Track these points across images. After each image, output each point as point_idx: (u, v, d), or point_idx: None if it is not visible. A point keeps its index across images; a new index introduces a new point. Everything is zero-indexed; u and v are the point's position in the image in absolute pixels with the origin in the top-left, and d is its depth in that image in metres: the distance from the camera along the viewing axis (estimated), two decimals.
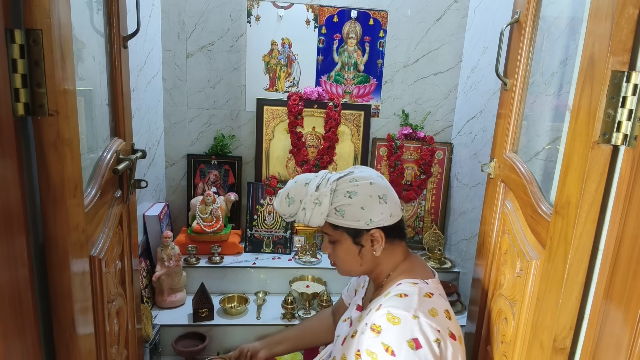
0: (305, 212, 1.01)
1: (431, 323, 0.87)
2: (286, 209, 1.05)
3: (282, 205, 1.06)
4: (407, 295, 0.93)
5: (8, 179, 0.60)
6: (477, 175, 2.10)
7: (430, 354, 0.85)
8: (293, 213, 1.04)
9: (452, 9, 2.31)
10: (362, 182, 1.00)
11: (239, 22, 2.25)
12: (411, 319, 0.87)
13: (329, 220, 1.01)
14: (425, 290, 0.95)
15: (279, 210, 1.08)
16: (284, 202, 1.05)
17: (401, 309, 0.89)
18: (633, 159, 0.64)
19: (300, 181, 1.05)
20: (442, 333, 0.88)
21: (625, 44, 0.66)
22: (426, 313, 0.89)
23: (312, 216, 1.00)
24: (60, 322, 0.74)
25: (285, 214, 1.07)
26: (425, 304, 0.91)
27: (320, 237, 2.40)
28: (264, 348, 1.24)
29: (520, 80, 1.12)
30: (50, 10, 0.65)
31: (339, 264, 1.08)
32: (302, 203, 1.02)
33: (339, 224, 1.01)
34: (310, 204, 1.00)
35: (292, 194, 1.04)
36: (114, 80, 1.13)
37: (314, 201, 1.00)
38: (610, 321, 0.67)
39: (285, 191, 1.06)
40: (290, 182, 1.07)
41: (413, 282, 0.97)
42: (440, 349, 0.87)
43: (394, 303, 0.91)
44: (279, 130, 2.35)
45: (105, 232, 0.98)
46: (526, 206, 1.00)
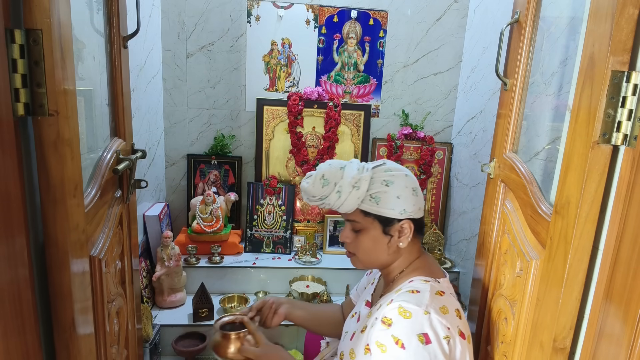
0: (340, 195, 0.99)
1: (442, 320, 0.88)
2: (319, 191, 1.01)
3: (315, 186, 1.01)
4: (419, 291, 0.94)
5: (8, 179, 0.60)
6: (477, 175, 2.10)
7: (439, 350, 0.86)
8: (325, 195, 1.01)
9: (452, 9, 2.31)
10: (397, 173, 1.01)
11: (239, 22, 2.25)
12: (422, 314, 0.87)
13: (362, 206, 0.99)
14: (436, 288, 0.96)
15: (309, 192, 1.03)
16: (317, 182, 1.01)
17: (413, 303, 0.89)
18: (633, 159, 0.64)
19: (335, 165, 1.03)
20: (451, 331, 0.89)
21: (625, 44, 0.66)
22: (437, 310, 0.89)
23: (347, 200, 0.98)
24: (60, 322, 0.74)
25: (315, 196, 1.02)
26: (437, 301, 0.92)
27: (320, 237, 2.40)
28: (287, 304, 1.23)
29: (520, 80, 1.12)
30: (50, 10, 0.65)
31: (361, 253, 1.05)
32: (337, 186, 0.99)
33: (372, 211, 0.99)
34: (347, 187, 0.98)
35: (327, 176, 1.01)
36: (114, 80, 1.13)
37: (353, 184, 0.98)
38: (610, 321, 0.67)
39: (320, 172, 1.02)
40: (323, 165, 1.04)
41: (425, 280, 0.98)
42: (450, 347, 0.87)
43: (406, 298, 0.92)
44: (279, 130, 2.35)
45: (105, 232, 0.98)
46: (526, 206, 1.00)
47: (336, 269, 2.18)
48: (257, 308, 1.20)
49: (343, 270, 2.18)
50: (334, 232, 2.38)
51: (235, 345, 1.05)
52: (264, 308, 1.20)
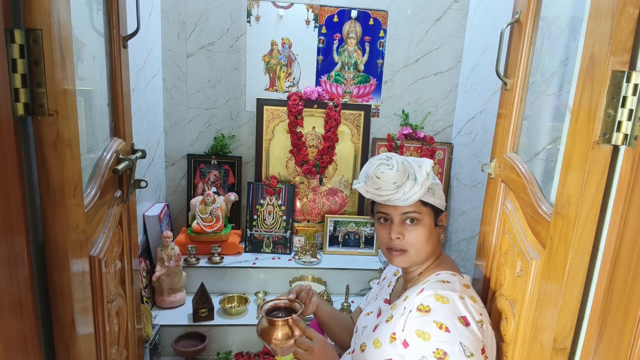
0: (416, 182, 0.99)
1: (475, 306, 0.94)
2: (401, 176, 0.98)
3: (399, 171, 0.99)
4: (449, 282, 0.98)
5: (8, 179, 0.60)
6: (477, 175, 2.10)
7: (478, 332, 0.90)
8: (403, 182, 0.99)
9: (452, 9, 2.31)
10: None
11: (239, 22, 2.25)
12: (458, 299, 0.92)
13: (423, 197, 1.02)
14: (463, 281, 1.01)
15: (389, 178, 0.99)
16: (400, 168, 0.99)
17: (447, 290, 0.94)
18: (633, 159, 0.64)
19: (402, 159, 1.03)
20: (484, 317, 0.94)
21: (625, 44, 0.66)
22: (468, 298, 0.95)
23: (421, 187, 0.99)
24: (60, 322, 0.74)
25: (396, 182, 0.98)
26: (466, 291, 0.97)
27: (320, 237, 2.40)
28: (317, 295, 1.23)
29: (520, 80, 1.12)
30: (50, 10, 0.65)
31: (416, 246, 1.04)
32: (413, 174, 1.00)
33: (430, 201, 1.03)
34: (423, 174, 0.99)
35: (404, 163, 1.01)
36: (114, 80, 1.13)
37: (427, 171, 1.01)
38: (610, 321, 0.66)
39: (398, 159, 1.01)
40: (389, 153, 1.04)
41: (452, 274, 1.03)
42: (482, 331, 0.92)
43: (439, 286, 0.96)
44: (279, 130, 2.35)
45: (105, 232, 0.98)
46: (526, 206, 1.00)
47: (336, 269, 2.18)
48: (297, 292, 1.16)
49: (343, 270, 2.18)
50: (334, 232, 2.38)
51: (282, 331, 1.01)
52: (302, 294, 1.17)
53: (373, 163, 1.03)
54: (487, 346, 0.92)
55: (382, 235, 1.07)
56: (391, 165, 1.01)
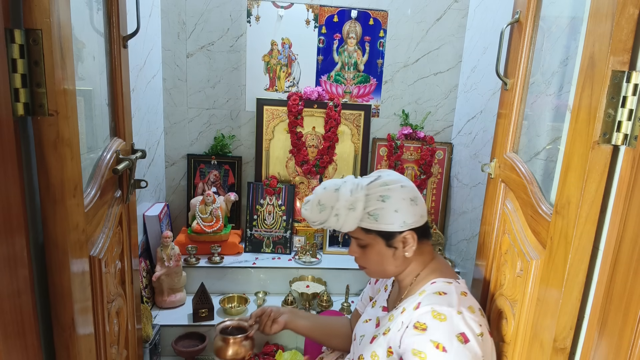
0: (338, 218, 1.00)
1: (474, 317, 0.90)
2: (317, 216, 1.03)
3: (313, 213, 1.03)
4: (445, 293, 0.95)
5: (8, 179, 0.60)
6: (477, 175, 2.10)
7: (478, 348, 0.87)
8: (324, 220, 1.02)
9: (452, 9, 2.31)
10: (393, 186, 1.00)
11: (239, 22, 2.25)
12: (456, 314, 0.89)
13: (362, 225, 1.00)
14: (460, 289, 0.98)
15: (309, 218, 1.05)
16: (315, 209, 1.02)
17: (445, 305, 0.91)
18: (633, 159, 0.64)
19: (330, 187, 1.03)
20: (483, 328, 0.91)
21: (625, 44, 0.66)
22: (466, 309, 0.92)
23: (346, 222, 0.99)
24: (60, 322, 0.74)
25: (316, 221, 1.04)
26: (464, 301, 0.94)
27: (320, 237, 2.40)
28: (288, 314, 1.23)
29: (520, 80, 1.12)
30: (50, 10, 0.65)
31: (371, 267, 1.07)
32: (334, 209, 1.00)
33: (372, 227, 0.99)
34: (344, 210, 0.99)
35: (323, 201, 1.02)
36: (113, 80, 1.13)
37: (349, 207, 0.98)
38: (610, 321, 0.66)
39: (316, 198, 1.03)
40: (319, 189, 1.05)
41: (448, 282, 0.99)
42: (482, 343, 0.89)
43: (435, 300, 0.93)
44: (279, 130, 2.35)
45: (105, 232, 0.98)
46: (526, 206, 1.00)
47: (336, 269, 2.18)
48: (256, 315, 1.23)
49: (343, 270, 2.18)
50: (333, 233, 2.38)
51: (233, 349, 1.13)
52: (263, 316, 1.22)
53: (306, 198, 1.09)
54: (487, 356, 0.90)
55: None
56: (307, 207, 1.05)
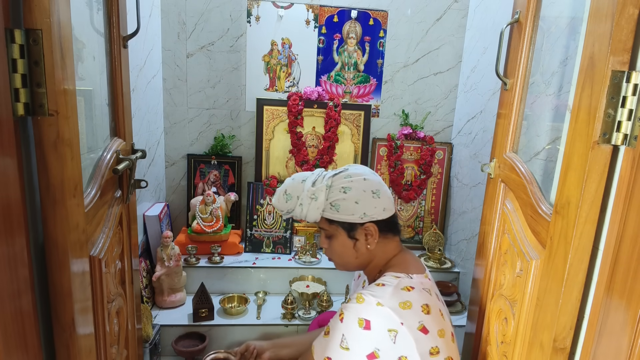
0: (302, 207, 1.06)
1: (393, 314, 0.92)
2: (284, 205, 1.09)
3: (279, 202, 1.10)
4: (384, 285, 0.98)
5: (8, 179, 0.60)
6: (477, 175, 2.10)
7: (377, 339, 0.91)
8: (290, 209, 1.08)
9: (452, 9, 2.31)
10: (356, 178, 1.05)
11: (239, 22, 2.25)
12: (374, 304, 0.93)
13: (325, 215, 1.05)
14: (405, 283, 0.99)
15: (276, 206, 1.11)
16: (281, 198, 1.09)
17: (370, 294, 0.95)
18: (633, 159, 0.64)
19: (298, 178, 1.09)
20: (405, 325, 0.91)
21: (625, 44, 0.66)
22: (394, 304, 0.93)
23: (309, 211, 1.05)
24: (60, 322, 0.74)
25: (283, 210, 1.10)
26: (399, 296, 0.95)
27: (320, 237, 2.40)
28: (270, 349, 1.26)
29: (520, 80, 1.12)
30: (50, 10, 0.65)
31: (335, 258, 1.13)
32: (299, 199, 1.06)
33: (334, 218, 1.05)
34: (307, 200, 1.04)
35: (289, 191, 1.08)
36: (114, 80, 1.13)
37: (310, 196, 1.04)
38: (610, 321, 0.66)
39: (283, 188, 1.10)
40: (288, 180, 1.12)
41: (396, 276, 1.01)
42: (393, 340, 0.91)
43: (369, 289, 0.98)
44: (279, 130, 2.35)
45: (105, 232, 0.98)
46: (526, 206, 1.00)
47: (336, 269, 2.17)
48: (240, 352, 1.26)
49: None
50: None
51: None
52: (246, 353, 1.27)
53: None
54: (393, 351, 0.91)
55: None
56: (273, 197, 1.13)
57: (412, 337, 0.91)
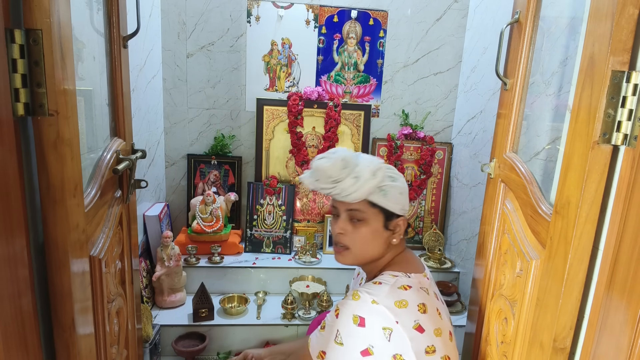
0: (357, 180, 0.97)
1: (388, 312, 0.92)
2: (337, 172, 0.97)
3: (334, 166, 0.97)
4: (381, 283, 0.98)
5: (8, 179, 0.60)
6: (477, 175, 2.10)
7: (371, 337, 0.91)
8: (341, 178, 0.98)
9: (452, 9, 2.31)
10: (396, 172, 1.06)
11: (239, 22, 2.25)
12: (369, 302, 0.93)
13: (370, 197, 0.99)
14: (402, 282, 0.99)
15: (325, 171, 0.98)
16: (338, 163, 0.97)
17: (366, 292, 0.95)
18: (633, 159, 0.64)
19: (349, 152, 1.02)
20: (400, 324, 0.92)
21: (625, 44, 0.66)
22: (390, 303, 0.93)
23: (362, 187, 0.97)
24: (60, 322, 0.74)
25: (332, 177, 0.98)
26: (395, 294, 0.95)
27: (320, 237, 2.40)
28: (268, 356, 1.26)
29: (520, 80, 1.12)
30: (50, 10, 0.65)
31: (358, 245, 1.04)
32: (355, 171, 0.98)
33: (380, 203, 1.00)
34: (366, 174, 0.97)
35: (347, 159, 0.99)
36: (114, 80, 1.13)
37: (372, 172, 0.98)
38: (610, 321, 0.66)
39: (340, 154, 0.99)
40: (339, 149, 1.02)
41: (393, 275, 1.01)
42: (387, 338, 0.91)
43: (366, 286, 0.98)
44: (279, 130, 2.35)
45: (105, 232, 0.98)
46: (526, 206, 1.00)
47: (336, 269, 2.18)
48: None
49: (343, 270, 2.18)
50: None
51: None
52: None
53: (318, 155, 1.05)
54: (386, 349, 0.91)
55: (332, 230, 1.10)
56: (331, 159, 0.99)
57: (407, 336, 0.91)
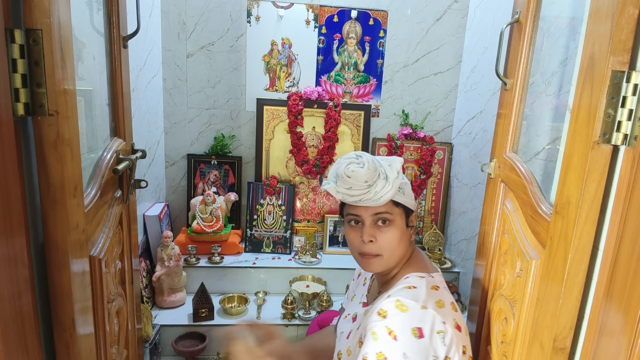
0: (387, 180, 0.95)
1: (437, 315, 0.89)
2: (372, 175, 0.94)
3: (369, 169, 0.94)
4: (415, 287, 0.95)
5: (8, 179, 0.60)
6: (477, 175, 2.10)
7: (432, 345, 0.87)
8: (374, 180, 0.94)
9: (452, 9, 2.31)
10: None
11: (239, 22, 2.25)
12: (419, 309, 0.89)
13: (395, 197, 0.97)
14: (431, 283, 0.97)
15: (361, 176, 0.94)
16: (371, 165, 0.95)
17: (410, 298, 0.90)
18: (633, 159, 0.64)
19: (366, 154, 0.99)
20: (447, 325, 0.90)
21: (625, 44, 0.66)
22: (434, 305, 0.91)
23: (392, 186, 0.95)
24: (60, 322, 0.74)
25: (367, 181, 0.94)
26: (433, 295, 0.93)
27: (320, 237, 2.40)
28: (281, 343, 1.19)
29: (520, 80, 1.12)
30: (50, 10, 0.65)
31: (389, 249, 1.00)
32: (382, 173, 0.95)
33: (401, 200, 0.99)
34: (393, 173, 0.96)
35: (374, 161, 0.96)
36: (114, 80, 1.13)
37: (397, 171, 0.97)
38: (610, 321, 0.66)
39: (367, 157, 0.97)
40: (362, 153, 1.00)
41: (420, 276, 0.99)
42: (443, 341, 0.88)
43: (403, 293, 0.93)
44: (279, 130, 2.35)
45: (105, 232, 0.98)
46: (526, 206, 1.00)
47: (336, 269, 2.18)
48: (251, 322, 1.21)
49: (343, 270, 2.18)
50: (334, 232, 2.38)
51: None
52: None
53: (342, 162, 0.99)
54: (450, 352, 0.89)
55: (353, 239, 1.03)
56: (362, 163, 0.96)
57: (455, 336, 0.90)
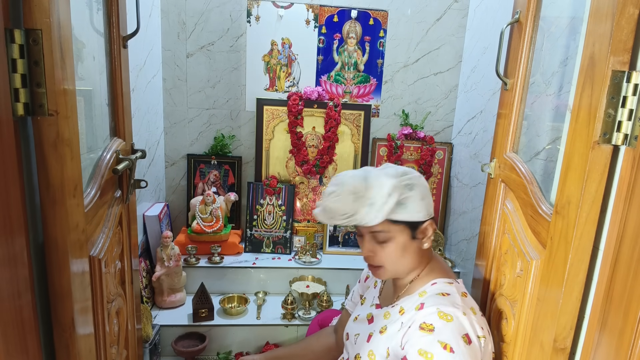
0: (371, 206, 0.91)
1: (475, 320, 0.90)
2: (349, 207, 0.92)
3: (345, 203, 0.92)
4: (448, 294, 0.94)
5: (8, 179, 0.60)
6: (477, 175, 2.10)
7: (479, 349, 0.88)
8: (354, 211, 0.92)
9: (452, 9, 2.31)
10: (413, 175, 0.98)
11: (239, 22, 2.25)
12: (462, 316, 0.89)
13: (391, 216, 0.93)
14: (460, 289, 0.98)
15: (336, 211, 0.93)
16: (347, 198, 0.92)
17: (450, 306, 0.90)
18: (633, 159, 0.64)
19: (357, 176, 0.96)
20: (484, 330, 0.91)
21: (625, 44, 0.66)
22: (469, 310, 0.92)
23: (380, 211, 0.91)
24: (60, 322, 0.74)
25: (346, 213, 0.93)
26: (465, 301, 0.94)
27: (320, 237, 2.40)
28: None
29: (520, 80, 1.12)
30: (50, 10, 0.65)
31: (391, 263, 0.99)
32: (368, 198, 0.92)
33: (402, 218, 0.94)
34: (380, 198, 0.91)
35: (357, 190, 0.92)
36: (113, 80, 1.13)
37: (388, 194, 0.92)
38: (610, 321, 0.66)
39: (348, 186, 0.93)
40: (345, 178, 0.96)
41: (448, 282, 0.98)
42: (482, 346, 0.90)
43: (440, 301, 0.92)
44: (279, 130, 2.35)
45: (105, 232, 0.98)
46: (526, 206, 1.00)
47: (336, 269, 2.18)
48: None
49: (343, 270, 2.18)
50: (334, 232, 2.38)
51: None
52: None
53: (326, 190, 0.97)
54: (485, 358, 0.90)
55: (360, 248, 1.04)
56: (339, 195, 0.93)
57: (490, 341, 0.92)
